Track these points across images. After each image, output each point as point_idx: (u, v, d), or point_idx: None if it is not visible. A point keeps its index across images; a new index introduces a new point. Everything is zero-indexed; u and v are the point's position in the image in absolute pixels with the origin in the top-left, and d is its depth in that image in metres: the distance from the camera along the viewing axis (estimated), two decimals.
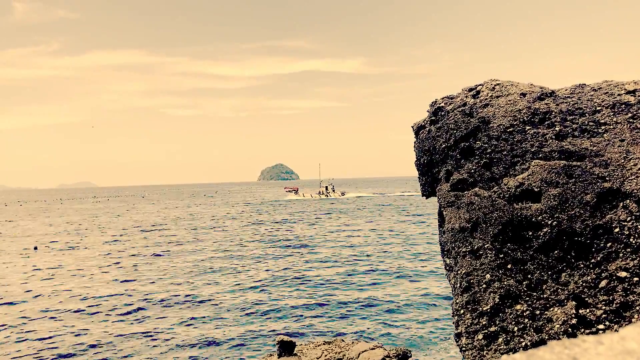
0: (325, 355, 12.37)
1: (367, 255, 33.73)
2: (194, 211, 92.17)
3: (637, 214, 4.77)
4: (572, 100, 5.57)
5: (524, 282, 5.04)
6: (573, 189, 5.04)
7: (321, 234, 47.40)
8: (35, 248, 43.31)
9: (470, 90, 6.23)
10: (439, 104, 6.38)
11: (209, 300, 22.95)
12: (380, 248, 37.00)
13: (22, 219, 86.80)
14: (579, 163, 5.15)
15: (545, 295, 4.93)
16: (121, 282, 27.86)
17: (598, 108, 5.40)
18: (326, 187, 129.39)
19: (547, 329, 4.81)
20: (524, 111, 5.63)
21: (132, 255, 38.05)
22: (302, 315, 19.95)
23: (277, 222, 61.80)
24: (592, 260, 4.82)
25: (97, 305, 22.70)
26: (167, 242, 45.73)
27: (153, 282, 27.37)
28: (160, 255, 37.60)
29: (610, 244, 4.78)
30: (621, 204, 4.85)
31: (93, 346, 17.08)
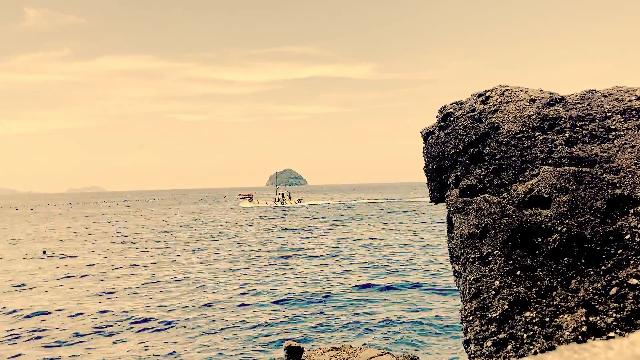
0: None
1: (375, 261, 33.67)
2: (203, 217, 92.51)
3: None
4: (582, 106, 5.54)
5: (534, 289, 5.01)
6: (583, 195, 5.01)
7: (323, 241, 47.36)
8: (44, 252, 43.59)
9: (480, 95, 6.22)
10: (448, 109, 6.38)
11: (215, 305, 22.99)
12: (385, 254, 36.90)
13: (32, 224, 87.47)
14: (589, 169, 5.12)
15: (555, 302, 4.89)
16: (127, 288, 27.98)
17: (608, 114, 5.37)
18: (282, 195, 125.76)
19: (557, 336, 4.77)
20: (534, 117, 5.61)
21: (143, 258, 38.23)
22: (310, 321, 19.92)
23: (281, 230, 61.83)
24: (603, 267, 4.79)
25: (104, 310, 22.81)
26: (176, 247, 45.89)
27: (157, 288, 27.47)
28: (169, 260, 37.75)
29: (620, 250, 4.75)
30: (632, 210, 4.82)
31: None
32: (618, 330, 4.56)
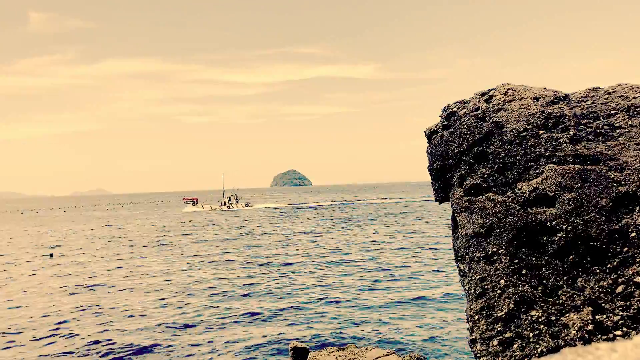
0: None
1: (379, 261, 33.65)
2: (213, 219, 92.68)
3: None
4: (586, 104, 5.53)
5: (539, 288, 5.00)
6: (588, 193, 5.00)
7: (323, 244, 47.35)
8: (51, 255, 43.76)
9: (483, 94, 6.21)
10: (452, 108, 6.37)
11: (220, 306, 23.03)
12: (390, 252, 36.87)
13: (38, 226, 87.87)
14: (593, 167, 5.10)
15: (560, 301, 4.88)
16: (130, 291, 28.06)
17: (613, 111, 5.35)
18: (229, 198, 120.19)
19: (563, 334, 4.76)
20: (538, 115, 5.60)
21: (144, 260, 38.35)
22: (315, 322, 19.92)
23: (285, 230, 61.89)
24: (609, 266, 4.77)
25: (105, 313, 22.89)
26: (178, 248, 45.99)
27: (159, 290, 27.53)
28: (171, 260, 37.84)
29: (626, 248, 4.72)
30: (637, 208, 4.80)
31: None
32: (624, 329, 4.54)
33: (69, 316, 22.21)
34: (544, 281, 5.00)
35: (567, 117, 5.48)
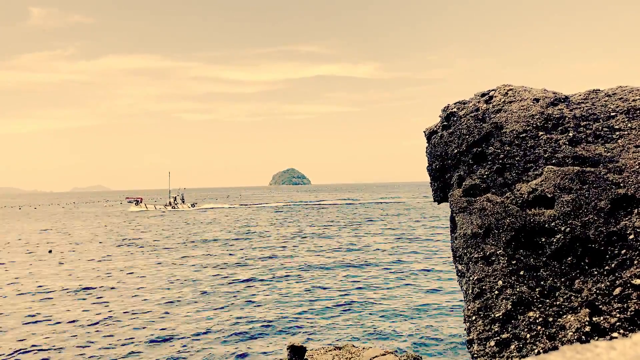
0: None
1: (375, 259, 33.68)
2: (217, 216, 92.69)
3: None
4: (586, 106, 5.53)
5: (537, 289, 5.00)
6: (587, 195, 5.00)
7: (317, 243, 47.38)
8: (50, 251, 43.73)
9: (483, 95, 6.21)
10: (452, 109, 6.37)
11: (219, 303, 23.03)
12: (389, 251, 36.90)
13: (37, 222, 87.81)
14: (592, 169, 5.11)
15: (558, 302, 4.88)
16: (130, 289, 28.05)
17: (612, 114, 5.36)
18: (174, 198, 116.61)
19: (560, 336, 4.76)
20: (537, 117, 5.60)
21: (142, 260, 38.35)
22: (313, 320, 19.93)
23: (290, 226, 61.92)
24: (606, 267, 4.77)
25: (102, 312, 22.89)
26: (177, 246, 45.97)
27: (158, 289, 27.53)
28: (170, 259, 37.85)
29: (624, 251, 4.73)
30: (636, 210, 4.80)
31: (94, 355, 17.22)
32: (622, 331, 4.54)
33: (69, 314, 22.21)
34: (542, 282, 5.00)
35: (567, 118, 5.49)
